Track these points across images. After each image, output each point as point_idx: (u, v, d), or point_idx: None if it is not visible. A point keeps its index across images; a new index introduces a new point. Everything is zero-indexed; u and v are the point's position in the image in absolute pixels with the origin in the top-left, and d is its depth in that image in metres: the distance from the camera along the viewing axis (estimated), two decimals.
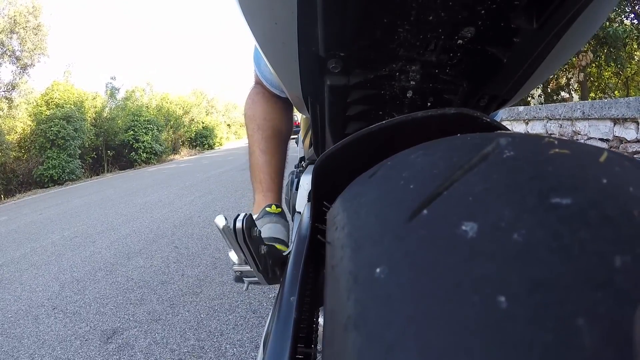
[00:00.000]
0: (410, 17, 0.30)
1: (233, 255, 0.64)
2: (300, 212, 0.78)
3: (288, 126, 0.85)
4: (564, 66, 7.71)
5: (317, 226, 0.32)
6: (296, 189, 0.97)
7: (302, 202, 0.78)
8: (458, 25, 0.31)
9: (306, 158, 1.20)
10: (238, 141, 28.42)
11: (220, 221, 0.56)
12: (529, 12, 0.30)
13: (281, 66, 0.39)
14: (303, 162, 1.28)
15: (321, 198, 0.30)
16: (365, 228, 0.18)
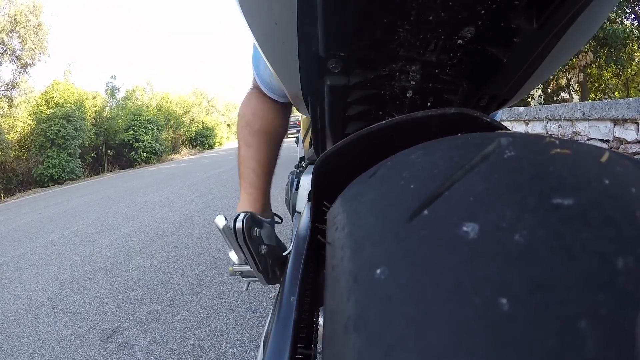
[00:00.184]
0: (410, 17, 0.30)
1: (233, 255, 0.65)
2: (300, 212, 0.78)
3: (280, 127, 0.82)
4: (564, 67, 7.71)
5: (317, 226, 0.32)
6: (296, 189, 0.97)
7: (302, 202, 0.78)
8: (458, 25, 0.31)
9: (306, 158, 1.20)
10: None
11: (220, 221, 0.56)
12: (529, 12, 0.30)
13: (281, 66, 0.39)
14: (303, 162, 1.28)
15: (321, 198, 0.30)
16: (365, 228, 0.18)
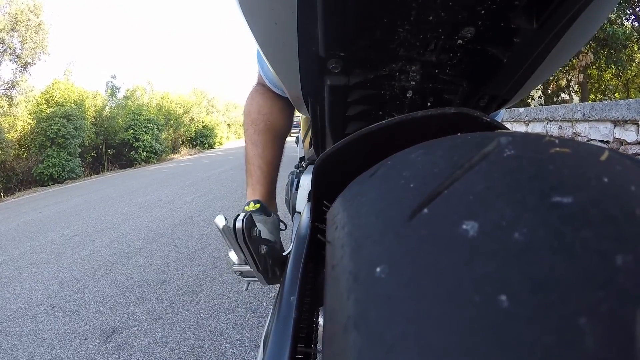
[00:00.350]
0: (410, 17, 0.30)
1: (233, 255, 0.64)
2: (300, 212, 0.78)
3: (285, 123, 0.84)
4: (564, 67, 7.71)
5: (317, 226, 0.32)
6: (296, 189, 0.97)
7: (302, 202, 0.78)
8: (458, 25, 0.31)
9: (306, 158, 1.20)
10: (238, 141, 28.42)
11: (220, 221, 0.56)
12: (529, 12, 0.30)
13: (281, 66, 0.39)
14: (303, 162, 1.28)
15: (321, 197, 0.30)
16: (365, 227, 0.18)
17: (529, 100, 8.88)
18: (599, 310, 0.11)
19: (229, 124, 30.17)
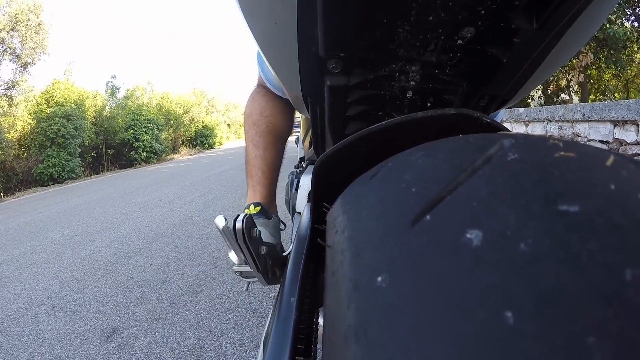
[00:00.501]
0: (410, 17, 0.30)
1: (233, 255, 0.64)
2: (300, 213, 0.78)
3: (286, 125, 0.83)
4: (564, 68, 7.71)
5: (317, 227, 0.32)
6: (296, 189, 0.96)
7: (302, 203, 0.78)
8: (458, 25, 0.31)
9: (306, 158, 1.20)
10: (238, 141, 28.41)
11: (220, 221, 0.56)
12: (529, 12, 0.30)
13: (281, 66, 0.39)
14: (303, 163, 1.28)
15: (321, 199, 0.30)
16: (366, 232, 0.18)
17: (529, 100, 8.89)
18: (608, 328, 0.10)
19: (229, 124, 30.16)
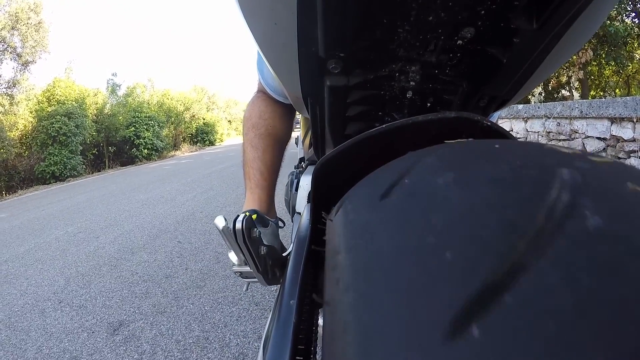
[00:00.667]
0: (410, 18, 0.30)
1: (233, 256, 0.65)
2: (300, 213, 0.78)
3: (285, 130, 0.82)
4: (564, 64, 7.69)
5: (318, 227, 0.32)
6: (296, 190, 0.96)
7: (302, 203, 0.78)
8: (458, 25, 0.31)
9: (306, 159, 1.19)
10: (239, 137, 28.29)
11: (220, 222, 0.57)
12: (529, 12, 0.30)
13: (281, 67, 0.39)
14: (303, 163, 1.28)
15: (321, 202, 0.30)
16: (373, 257, 0.16)
17: (530, 96, 8.88)
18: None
19: (230, 121, 30.09)
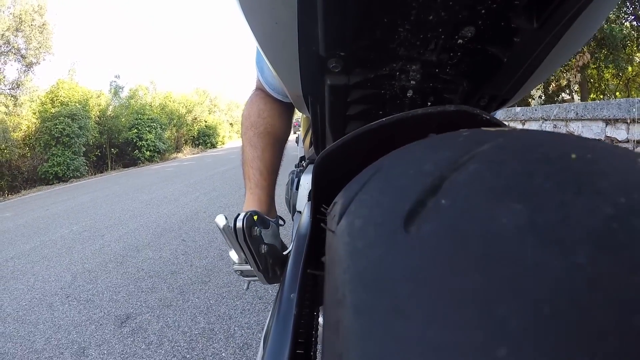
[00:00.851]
0: (410, 17, 0.30)
1: (234, 254, 0.65)
2: (300, 212, 0.78)
3: (284, 128, 0.82)
4: (564, 67, 7.73)
5: (319, 217, 0.31)
6: (296, 189, 0.96)
7: (303, 202, 0.78)
8: (458, 24, 0.31)
9: (306, 158, 1.21)
10: (240, 140, 28.28)
11: (220, 221, 0.57)
12: (529, 12, 0.30)
13: (282, 66, 0.39)
14: (303, 162, 1.28)
15: (321, 196, 0.30)
16: (364, 232, 0.17)
17: (529, 99, 8.93)
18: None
19: (231, 123, 30.16)
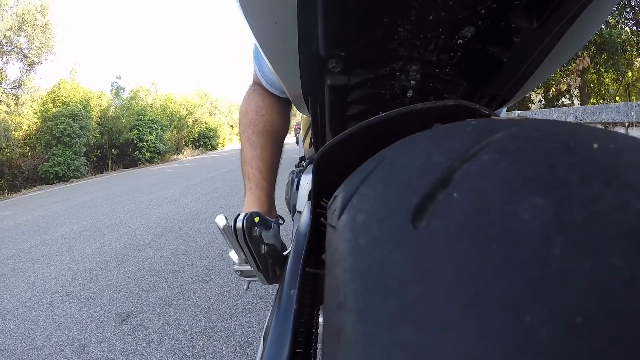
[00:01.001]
0: (410, 17, 0.30)
1: (234, 254, 0.65)
2: (300, 212, 0.78)
3: (283, 125, 0.81)
4: (564, 71, 7.77)
5: (319, 212, 0.31)
6: (296, 189, 0.96)
7: (303, 202, 0.77)
8: (458, 24, 0.31)
9: (306, 158, 1.21)
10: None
11: (220, 221, 0.57)
12: (529, 12, 0.30)
13: (281, 66, 0.39)
14: (303, 162, 1.28)
15: (322, 191, 0.30)
16: (368, 228, 0.17)
17: (529, 104, 8.97)
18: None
19: (232, 126, 30.18)
